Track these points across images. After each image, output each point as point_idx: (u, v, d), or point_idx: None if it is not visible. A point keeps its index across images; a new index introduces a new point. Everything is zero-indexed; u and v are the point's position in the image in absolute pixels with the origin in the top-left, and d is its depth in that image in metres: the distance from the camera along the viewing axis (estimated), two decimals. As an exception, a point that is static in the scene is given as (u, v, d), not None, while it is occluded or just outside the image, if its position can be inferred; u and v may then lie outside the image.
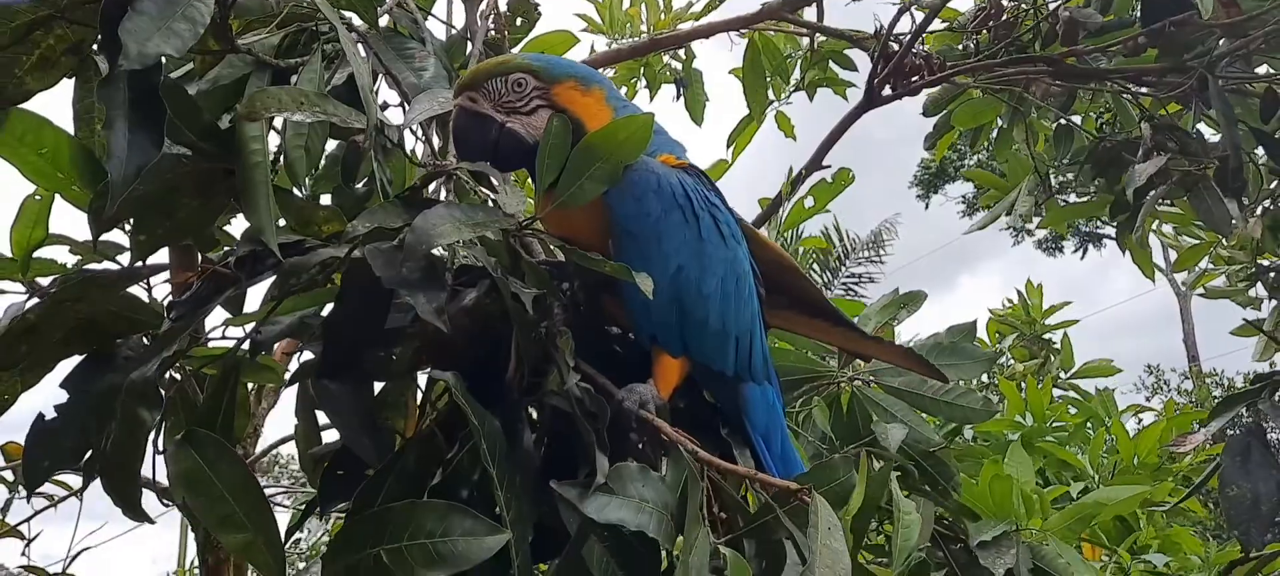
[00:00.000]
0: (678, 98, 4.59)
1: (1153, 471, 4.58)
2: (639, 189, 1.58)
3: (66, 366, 1.62)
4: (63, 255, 2.06)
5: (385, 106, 1.90)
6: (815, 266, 17.88)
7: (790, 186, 3.53)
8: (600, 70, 4.14)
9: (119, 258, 1.91)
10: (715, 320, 1.65)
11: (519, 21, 2.22)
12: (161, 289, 1.83)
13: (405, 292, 1.32)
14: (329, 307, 1.81)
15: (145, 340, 1.68)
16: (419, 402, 1.73)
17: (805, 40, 4.48)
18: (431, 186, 1.75)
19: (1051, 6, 3.60)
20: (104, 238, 1.76)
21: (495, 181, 1.58)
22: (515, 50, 2.19)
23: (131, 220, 1.60)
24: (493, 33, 2.02)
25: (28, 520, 4.36)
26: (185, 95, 1.28)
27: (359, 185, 1.91)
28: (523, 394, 1.51)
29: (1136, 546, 4.49)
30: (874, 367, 2.60)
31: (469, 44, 2.08)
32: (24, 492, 4.22)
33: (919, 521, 1.62)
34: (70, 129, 1.71)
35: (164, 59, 1.16)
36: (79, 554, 4.25)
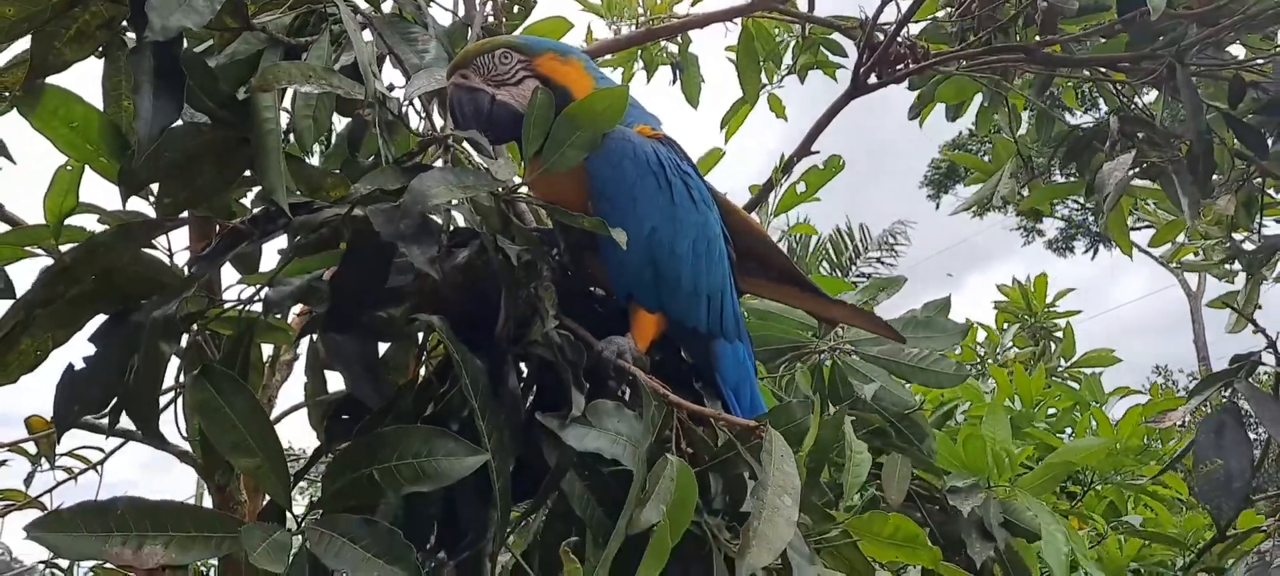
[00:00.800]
0: (674, 81, 4.74)
1: (1136, 453, 4.70)
2: (616, 155, 1.73)
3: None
4: (91, 224, 2.23)
5: (391, 87, 2.06)
6: (825, 265, 17.96)
7: (780, 172, 3.67)
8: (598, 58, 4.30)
9: (142, 224, 2.07)
10: (687, 279, 1.79)
11: (516, 8, 2.37)
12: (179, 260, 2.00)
13: (402, 245, 1.47)
14: (330, 271, 1.97)
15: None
16: (416, 354, 1.88)
17: (797, 27, 4.61)
18: (429, 158, 1.89)
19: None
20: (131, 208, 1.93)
21: (487, 150, 1.73)
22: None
23: (156, 186, 1.76)
24: (491, 19, 2.16)
25: (50, 491, 4.55)
26: (206, 66, 1.44)
27: (367, 159, 2.06)
28: (510, 344, 1.67)
29: (1116, 520, 4.64)
30: (854, 337, 2.75)
31: (469, 30, 2.23)
32: (46, 465, 4.40)
33: (868, 461, 1.77)
34: (99, 105, 1.88)
35: (184, 32, 1.30)
36: (98, 524, 4.42)
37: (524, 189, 1.78)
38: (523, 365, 1.77)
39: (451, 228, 1.81)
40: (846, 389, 2.71)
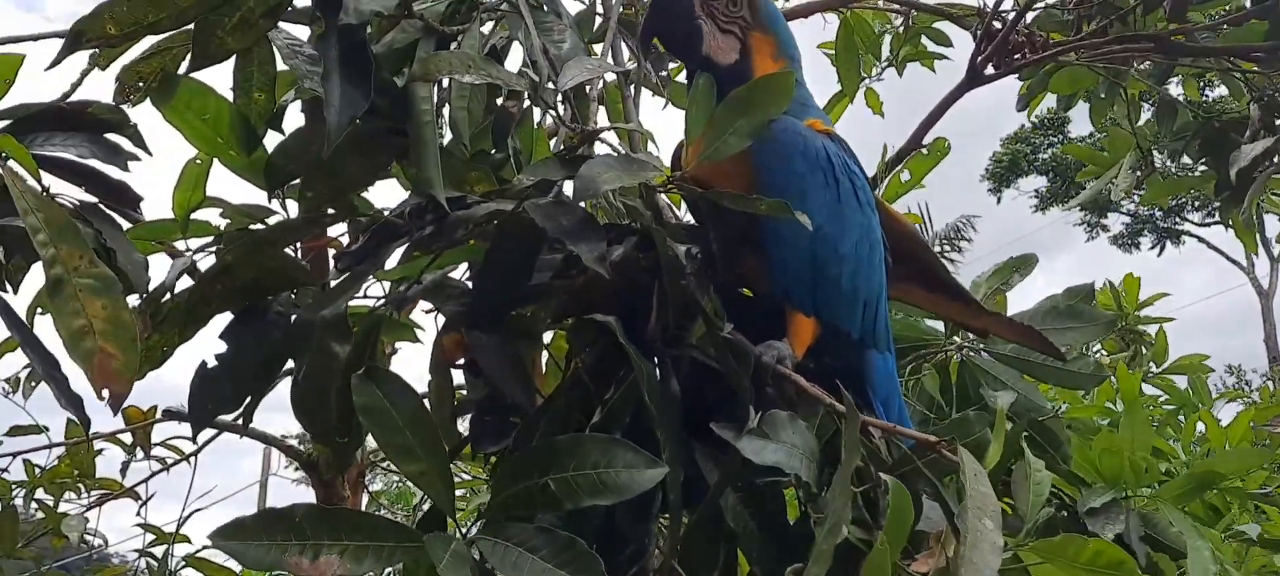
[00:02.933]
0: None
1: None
2: (786, 149, 1.64)
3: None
4: (214, 218, 2.20)
5: (521, 75, 2.00)
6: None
7: (886, 166, 3.55)
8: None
9: (268, 220, 2.03)
10: (847, 281, 1.70)
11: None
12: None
13: (568, 242, 1.40)
14: (462, 271, 1.91)
15: (293, 297, 1.80)
16: (567, 354, 1.81)
17: (898, 19, 4.48)
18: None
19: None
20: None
21: (635, 142, 1.66)
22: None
23: (298, 180, 1.71)
24: (625, 8, 2.10)
25: (145, 481, 4.61)
26: (369, 54, 1.38)
27: (495, 154, 2.00)
28: (665, 345, 1.59)
29: (1231, 532, 4.43)
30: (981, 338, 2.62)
31: (597, 20, 2.16)
32: (141, 456, 4.46)
33: (1049, 478, 1.66)
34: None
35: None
36: (190, 515, 4.48)
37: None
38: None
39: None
40: (975, 392, 2.60)
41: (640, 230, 1.56)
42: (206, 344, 1.77)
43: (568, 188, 1.57)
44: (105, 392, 1.12)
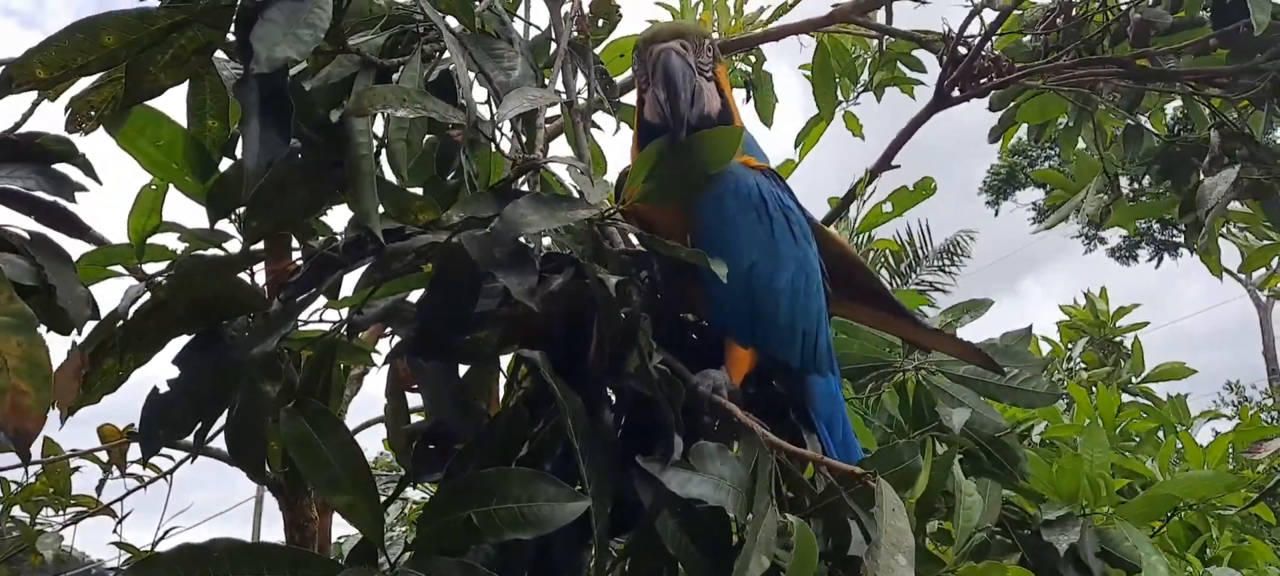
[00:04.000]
0: (748, 99, 4.66)
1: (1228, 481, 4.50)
2: (719, 189, 1.67)
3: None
4: (171, 242, 2.22)
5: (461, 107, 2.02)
6: (885, 272, 17.66)
7: (863, 186, 3.58)
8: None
9: (226, 246, 2.05)
10: (784, 315, 1.73)
11: (600, 23, 2.33)
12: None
13: (499, 275, 1.42)
14: (416, 293, 1.93)
15: (248, 321, 1.81)
16: (506, 383, 1.83)
17: (874, 42, 4.51)
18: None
19: (1121, 6, 3.60)
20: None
21: (580, 173, 1.68)
22: (597, 51, 2.29)
23: (243, 209, 1.73)
24: (577, 34, 2.12)
25: (119, 499, 4.60)
26: (302, 92, 1.41)
27: (448, 178, 2.02)
28: (603, 375, 1.60)
29: (1208, 556, 4.43)
30: (940, 356, 2.66)
31: (552, 44, 2.18)
32: (117, 474, 4.45)
33: (980, 504, 1.68)
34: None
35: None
36: (167, 534, 4.47)
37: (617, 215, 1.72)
38: (611, 392, 1.72)
39: (542, 253, 1.76)
40: (931, 411, 2.64)
41: (577, 261, 1.58)
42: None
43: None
44: (14, 430, 1.13)
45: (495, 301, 1.71)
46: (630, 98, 2.25)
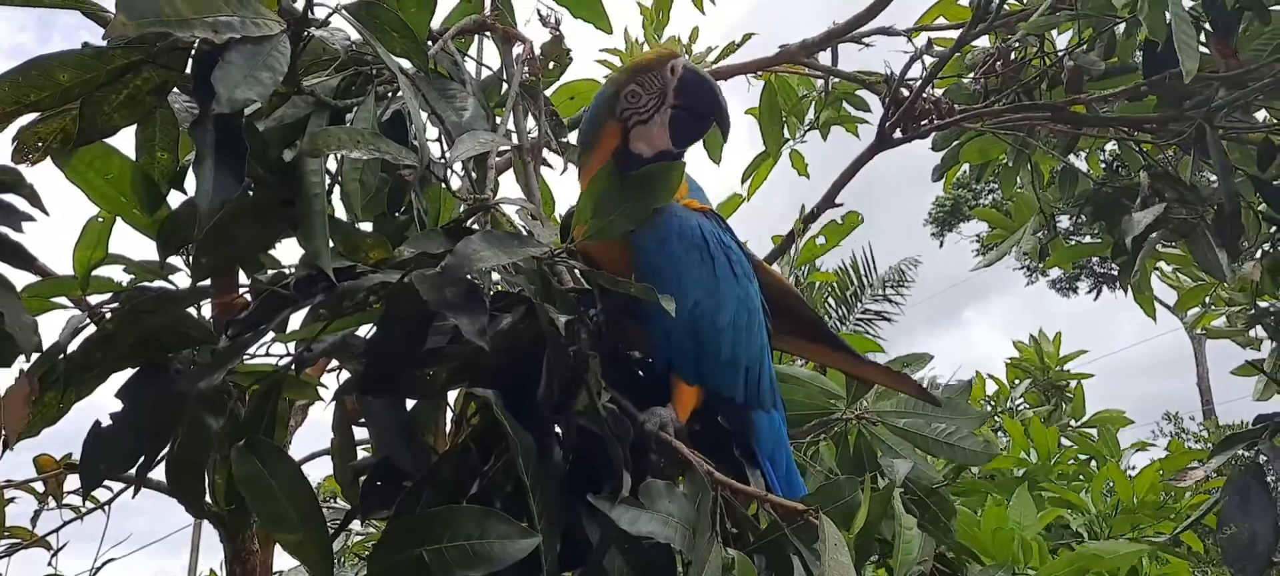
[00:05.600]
0: (697, 138, 4.69)
1: (1154, 510, 4.64)
2: (663, 230, 1.72)
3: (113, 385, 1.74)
4: (117, 274, 2.20)
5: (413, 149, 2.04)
6: (831, 302, 17.84)
7: (803, 224, 3.66)
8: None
9: (173, 277, 2.04)
10: (727, 351, 1.77)
11: (552, 65, 2.37)
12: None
13: (450, 314, 1.44)
14: (366, 328, 1.94)
15: (194, 355, 1.81)
16: (454, 419, 1.84)
17: (820, 82, 4.61)
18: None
19: (1058, 53, 3.72)
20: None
21: (531, 214, 1.71)
22: (547, 93, 2.33)
23: (192, 244, 1.73)
24: (528, 76, 2.15)
25: (56, 531, 4.49)
26: (256, 133, 1.42)
27: (398, 215, 2.04)
28: (552, 412, 1.63)
29: (1136, 582, 4.56)
30: (879, 409, 2.71)
31: (504, 85, 2.21)
32: (53, 504, 4.35)
33: (919, 539, 1.73)
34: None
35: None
36: (103, 565, 4.37)
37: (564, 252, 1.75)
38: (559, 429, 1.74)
39: (492, 291, 1.78)
40: (871, 461, 2.68)
41: (527, 299, 1.61)
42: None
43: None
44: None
45: (444, 339, 1.72)
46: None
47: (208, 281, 1.64)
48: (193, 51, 1.35)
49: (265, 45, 1.30)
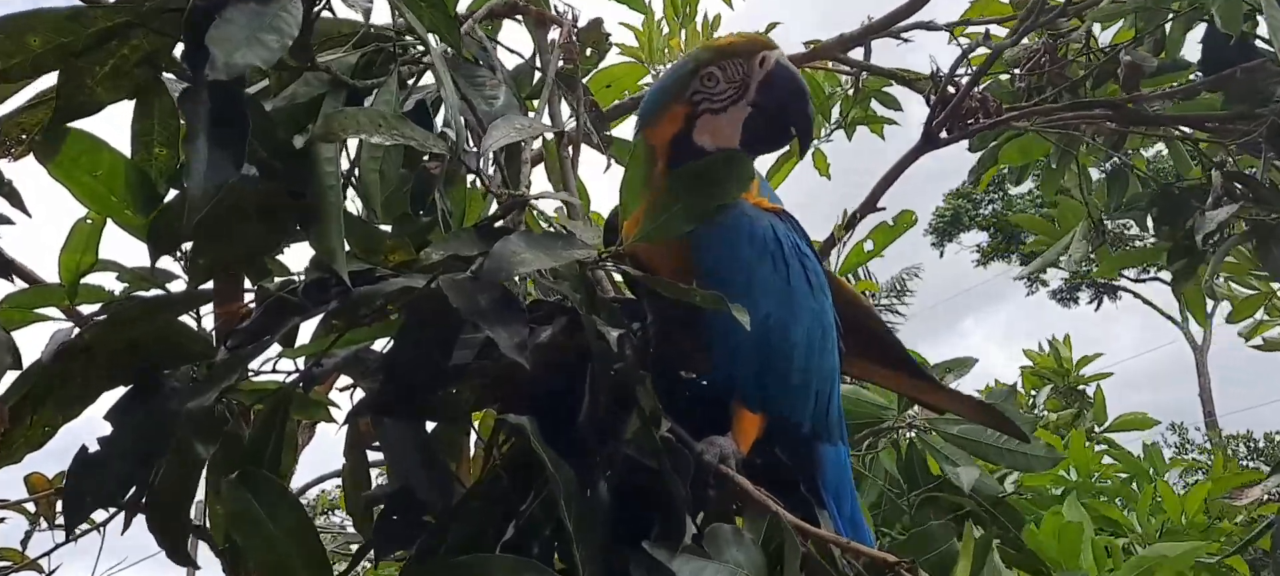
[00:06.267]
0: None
1: (1202, 531, 4.44)
2: (732, 234, 1.51)
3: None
4: (109, 282, 2.01)
5: (442, 136, 1.85)
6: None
7: (844, 228, 3.47)
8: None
9: (169, 285, 1.84)
10: (798, 370, 1.56)
11: (589, 51, 2.17)
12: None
13: (484, 326, 1.24)
14: (381, 342, 1.73)
15: (193, 371, 1.61)
16: (485, 444, 1.64)
17: (846, 79, 4.42)
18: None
19: (1107, 49, 3.55)
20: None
21: (571, 211, 1.51)
22: (584, 81, 2.13)
23: (189, 244, 1.53)
24: (564, 63, 1.96)
25: (48, 553, 4.31)
26: (262, 112, 1.22)
27: (421, 215, 1.84)
28: (598, 441, 1.42)
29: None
30: (931, 416, 2.54)
31: (536, 73, 2.02)
32: (45, 526, 4.16)
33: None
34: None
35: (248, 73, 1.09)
36: (99, 587, 4.18)
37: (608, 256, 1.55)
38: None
39: (526, 300, 1.58)
40: (923, 470, 2.52)
41: (570, 309, 1.40)
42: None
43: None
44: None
45: (471, 353, 1.52)
46: (620, 130, 2.10)
47: (207, 285, 1.43)
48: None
49: (272, 4, 1.10)
